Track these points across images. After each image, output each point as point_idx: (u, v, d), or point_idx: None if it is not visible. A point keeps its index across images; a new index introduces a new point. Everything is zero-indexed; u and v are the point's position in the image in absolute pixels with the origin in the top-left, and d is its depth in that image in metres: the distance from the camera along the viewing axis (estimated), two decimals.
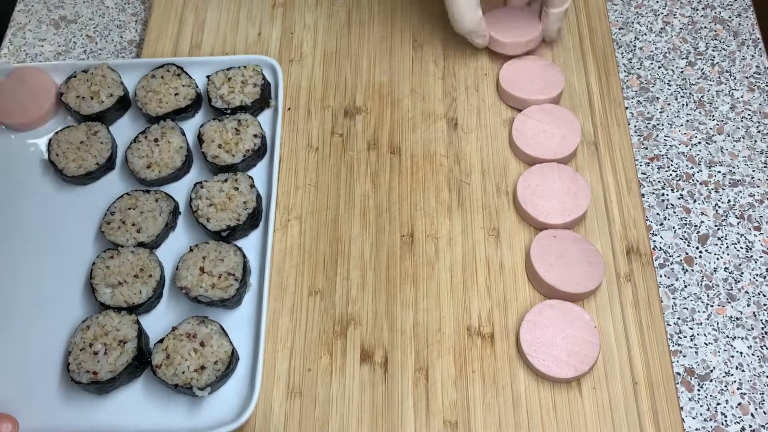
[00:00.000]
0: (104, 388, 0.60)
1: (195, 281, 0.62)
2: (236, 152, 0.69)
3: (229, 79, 0.72)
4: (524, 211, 0.67)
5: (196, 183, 0.68)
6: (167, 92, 0.72)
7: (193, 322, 0.61)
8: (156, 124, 0.71)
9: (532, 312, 0.62)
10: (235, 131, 0.69)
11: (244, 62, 0.75)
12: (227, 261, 0.63)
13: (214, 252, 0.64)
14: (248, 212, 0.66)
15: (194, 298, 0.62)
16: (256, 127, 0.70)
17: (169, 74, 0.73)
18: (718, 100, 0.78)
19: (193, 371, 0.59)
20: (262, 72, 0.73)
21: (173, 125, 0.71)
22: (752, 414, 0.62)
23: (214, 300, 0.62)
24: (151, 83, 0.73)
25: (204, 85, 0.74)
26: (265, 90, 0.73)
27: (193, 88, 0.73)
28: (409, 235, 0.68)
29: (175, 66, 0.74)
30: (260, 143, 0.70)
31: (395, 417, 0.60)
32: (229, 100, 0.72)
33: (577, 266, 0.64)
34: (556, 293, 0.63)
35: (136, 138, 0.71)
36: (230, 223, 0.65)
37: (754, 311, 0.66)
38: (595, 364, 0.61)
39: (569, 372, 0.60)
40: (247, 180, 0.67)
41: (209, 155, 0.69)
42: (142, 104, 0.72)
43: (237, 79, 0.72)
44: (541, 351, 0.61)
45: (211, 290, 0.62)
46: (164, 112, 0.72)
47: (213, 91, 0.72)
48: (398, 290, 0.66)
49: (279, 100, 0.73)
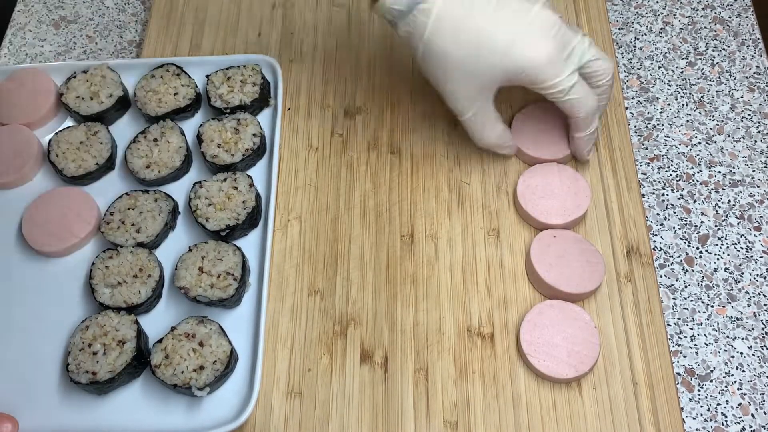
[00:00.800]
0: (103, 389, 0.60)
1: (194, 281, 0.62)
2: (235, 151, 0.69)
3: (228, 79, 0.72)
4: (524, 212, 0.67)
5: (195, 183, 0.68)
6: (167, 92, 0.72)
7: (192, 322, 0.61)
8: (155, 124, 0.71)
9: (532, 312, 0.62)
10: (235, 131, 0.69)
11: (243, 61, 0.74)
12: (226, 261, 0.63)
13: (213, 252, 0.64)
14: (247, 212, 0.66)
15: (193, 298, 0.62)
16: (256, 126, 0.70)
17: (169, 74, 0.73)
18: (718, 101, 0.78)
19: (192, 371, 0.59)
20: (261, 71, 0.73)
21: (173, 125, 0.71)
22: (752, 414, 0.62)
23: (213, 300, 0.62)
24: (151, 83, 0.73)
25: (203, 85, 0.74)
26: (264, 89, 0.73)
27: (193, 87, 0.73)
28: (409, 236, 0.68)
29: (174, 66, 0.74)
30: (259, 142, 0.70)
31: (395, 417, 0.60)
32: (228, 100, 0.72)
33: (577, 266, 0.64)
34: (556, 293, 0.63)
35: (136, 138, 0.71)
36: (229, 222, 0.65)
37: (755, 311, 0.66)
38: (595, 365, 0.61)
39: (569, 372, 0.60)
40: (246, 179, 0.67)
41: (208, 155, 0.69)
42: (141, 104, 0.72)
43: (236, 78, 0.72)
44: (541, 351, 0.60)
45: (210, 290, 0.62)
46: (164, 111, 0.72)
47: (212, 90, 0.72)
48: (398, 290, 0.66)
49: (278, 99, 0.73)
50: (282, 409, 0.61)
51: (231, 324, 0.63)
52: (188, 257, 0.64)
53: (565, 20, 0.62)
